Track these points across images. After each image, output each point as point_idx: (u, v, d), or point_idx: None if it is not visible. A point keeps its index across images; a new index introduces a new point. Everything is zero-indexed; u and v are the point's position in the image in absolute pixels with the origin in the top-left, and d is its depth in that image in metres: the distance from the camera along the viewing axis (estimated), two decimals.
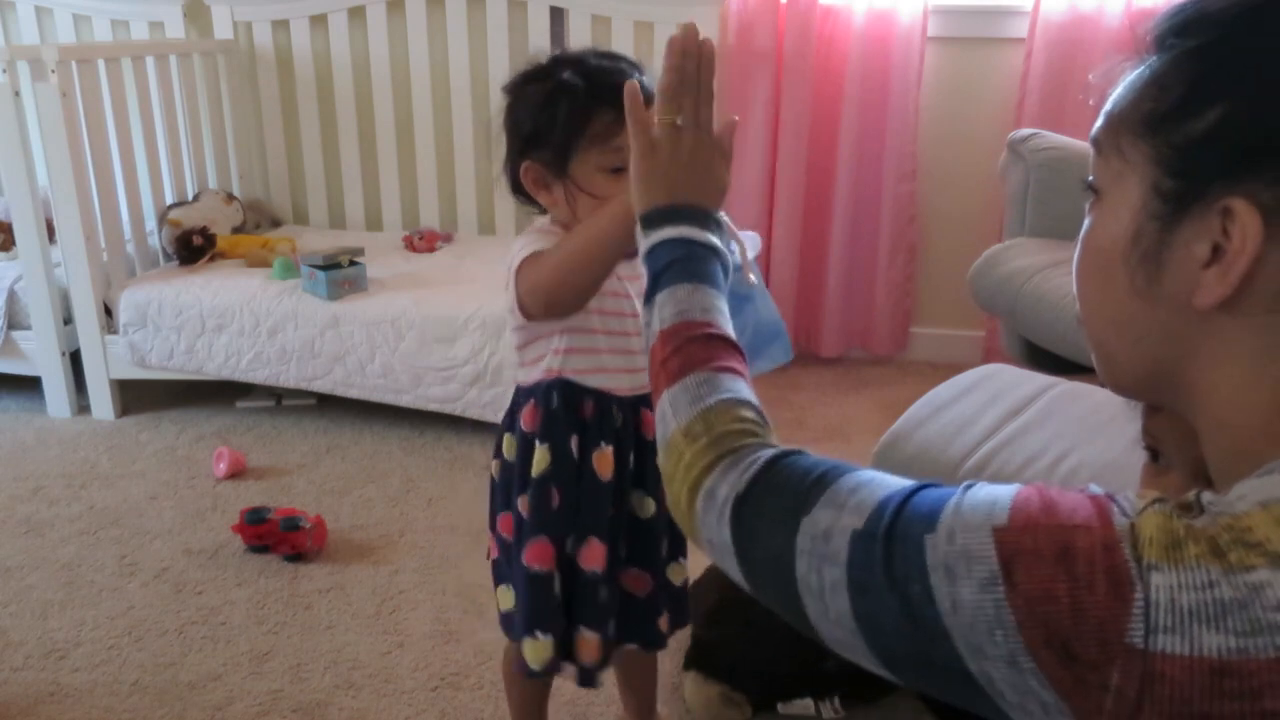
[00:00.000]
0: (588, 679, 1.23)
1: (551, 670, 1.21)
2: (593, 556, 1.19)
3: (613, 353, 1.20)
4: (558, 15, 3.00)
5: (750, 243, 1.30)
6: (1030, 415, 1.63)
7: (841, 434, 2.63)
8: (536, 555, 1.19)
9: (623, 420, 1.21)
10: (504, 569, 1.27)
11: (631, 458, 1.23)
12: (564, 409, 1.18)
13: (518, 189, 1.18)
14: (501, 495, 1.27)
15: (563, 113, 1.10)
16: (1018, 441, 1.56)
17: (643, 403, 1.22)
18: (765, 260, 3.02)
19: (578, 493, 1.19)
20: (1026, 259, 2.25)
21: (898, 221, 2.96)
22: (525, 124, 1.14)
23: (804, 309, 3.10)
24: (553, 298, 1.12)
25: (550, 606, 1.19)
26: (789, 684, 1.56)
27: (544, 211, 1.20)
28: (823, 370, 3.09)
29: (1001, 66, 2.90)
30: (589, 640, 1.21)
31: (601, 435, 1.19)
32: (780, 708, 1.57)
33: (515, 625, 1.22)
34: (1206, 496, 0.55)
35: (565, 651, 1.22)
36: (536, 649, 1.19)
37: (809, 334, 3.14)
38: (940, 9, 2.86)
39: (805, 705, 1.56)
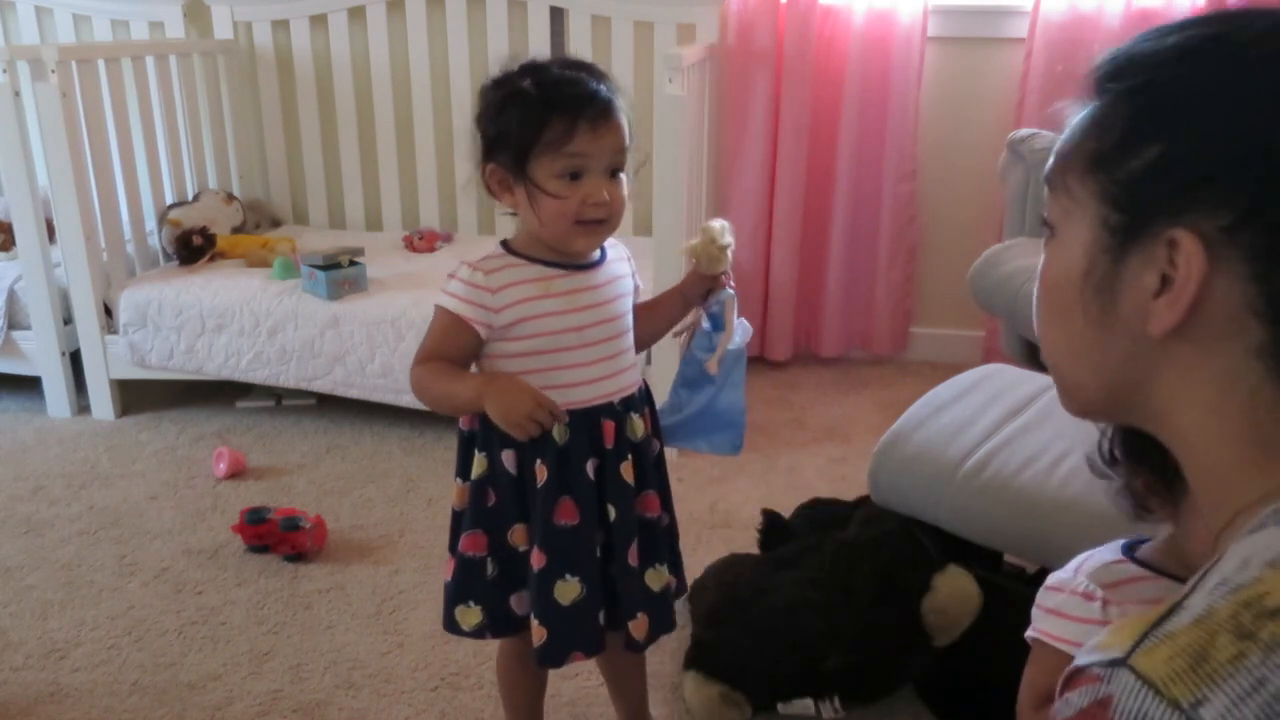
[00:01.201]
0: (543, 660, 1.28)
1: (480, 635, 1.30)
2: (536, 559, 1.24)
3: (554, 370, 1.22)
4: (558, 15, 3.00)
5: (741, 332, 1.36)
6: (1030, 415, 1.64)
7: (841, 434, 2.63)
8: (471, 544, 1.27)
9: (571, 436, 1.22)
10: (467, 586, 1.28)
11: (590, 466, 1.23)
12: (490, 426, 1.22)
13: (490, 191, 1.22)
14: (471, 515, 1.27)
15: (517, 119, 1.15)
16: (1018, 441, 1.56)
17: (602, 413, 1.23)
18: (765, 261, 3.02)
19: (520, 497, 1.24)
20: (1026, 259, 2.25)
21: (898, 221, 2.96)
22: (489, 128, 1.19)
23: (804, 309, 3.10)
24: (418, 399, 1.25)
25: (481, 584, 1.27)
26: (789, 684, 1.56)
27: (513, 213, 1.23)
28: (823, 370, 3.09)
29: (1001, 66, 2.89)
30: (539, 630, 1.26)
31: (537, 453, 1.22)
32: (780, 708, 1.57)
33: (449, 595, 1.30)
34: (1211, 579, 0.52)
35: (504, 628, 1.30)
36: (466, 615, 1.29)
37: (809, 334, 3.14)
38: (940, 9, 2.86)
39: (805, 705, 1.56)
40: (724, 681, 1.53)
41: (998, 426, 1.61)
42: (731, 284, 1.34)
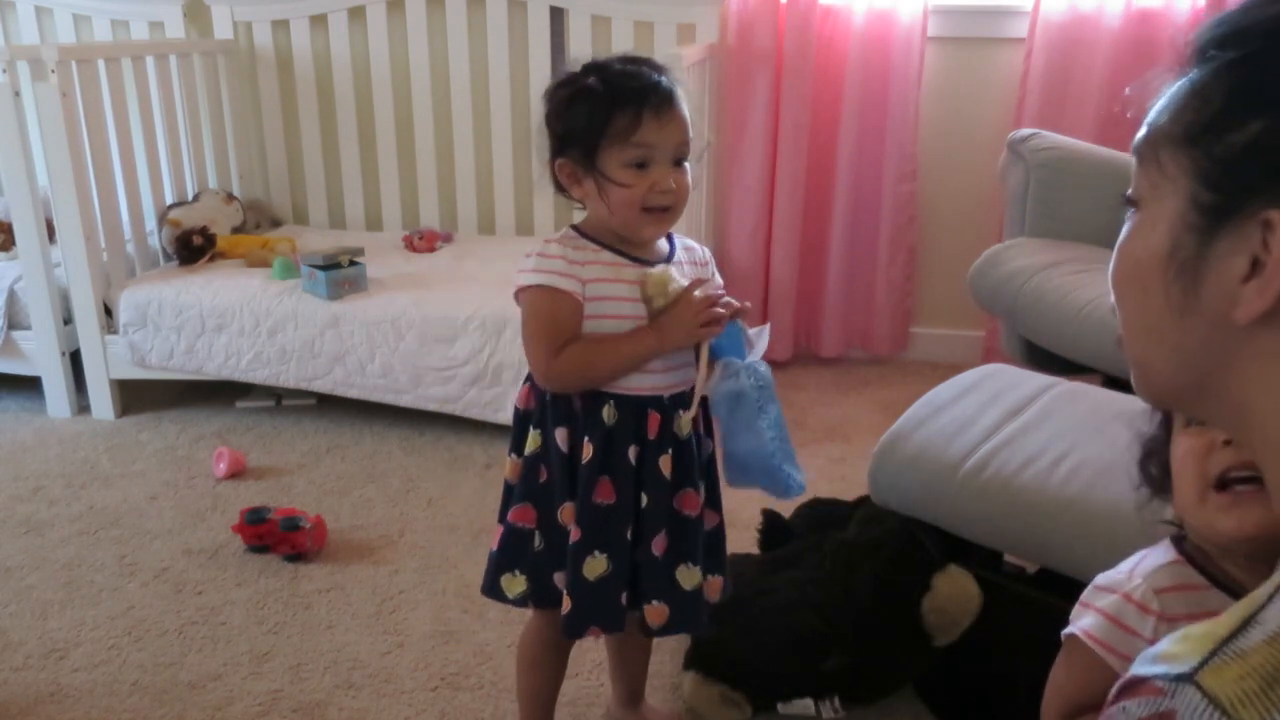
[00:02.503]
0: (566, 629, 1.30)
1: (523, 603, 1.33)
2: (574, 534, 1.27)
3: None
4: (558, 15, 3.00)
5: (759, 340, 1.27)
6: (1030, 415, 1.63)
7: (841, 434, 2.63)
8: (520, 515, 1.31)
9: (618, 419, 1.25)
10: (514, 555, 1.31)
11: (632, 452, 1.25)
12: (553, 403, 1.28)
13: (559, 185, 1.27)
14: (522, 489, 1.31)
15: (585, 114, 1.20)
16: (1018, 441, 1.56)
17: (649, 404, 1.26)
18: (765, 261, 3.02)
19: (570, 475, 1.27)
20: (1026, 259, 2.25)
21: (898, 221, 2.96)
22: (557, 125, 1.23)
23: (804, 309, 3.10)
24: (570, 389, 1.25)
25: (527, 555, 1.31)
26: (789, 684, 1.56)
27: (582, 206, 1.28)
28: (823, 370, 3.09)
29: (1001, 66, 2.90)
30: (566, 600, 1.28)
31: (586, 431, 1.26)
32: (780, 708, 1.57)
33: (494, 563, 1.32)
34: None
35: (545, 600, 1.32)
36: (512, 583, 1.32)
37: (809, 334, 3.14)
38: (940, 9, 2.86)
39: (805, 705, 1.56)
40: (724, 681, 1.53)
41: (998, 426, 1.61)
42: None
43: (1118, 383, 1.95)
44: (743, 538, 1.97)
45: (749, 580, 1.66)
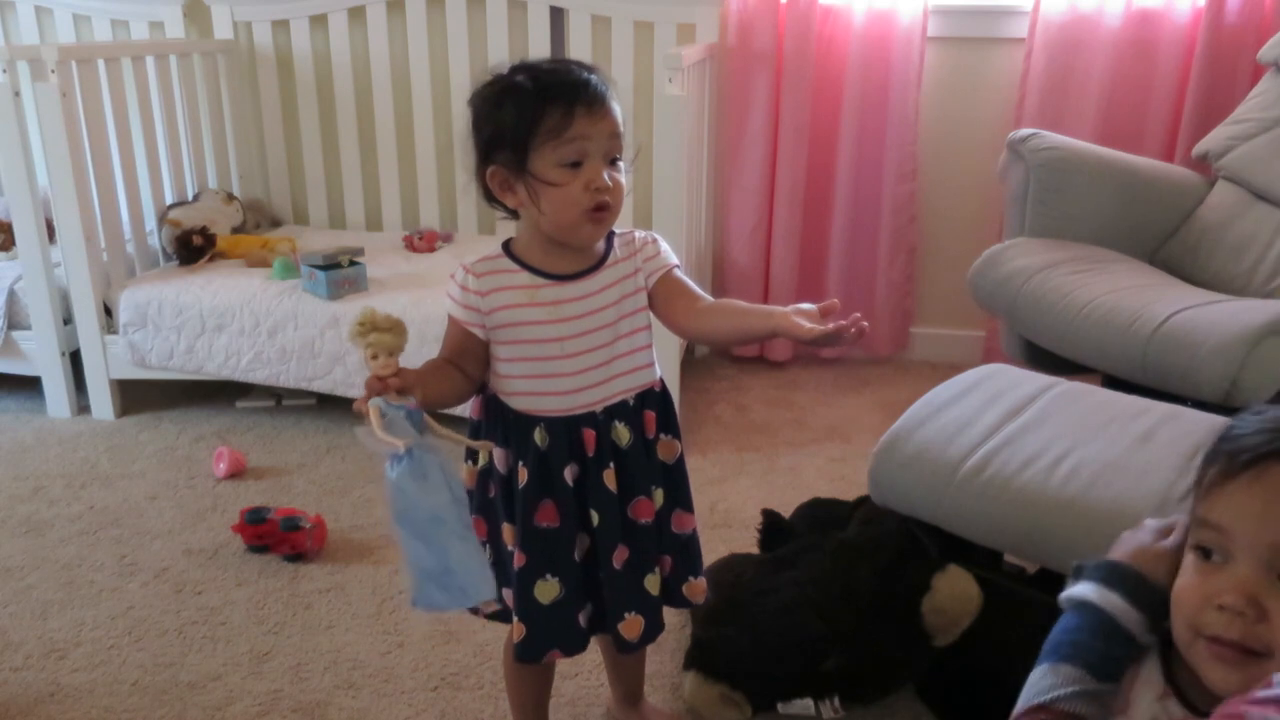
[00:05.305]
0: (521, 655, 1.28)
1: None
2: (517, 559, 1.25)
3: (537, 377, 1.23)
4: (558, 15, 3.00)
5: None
6: (1030, 415, 1.63)
7: (841, 434, 2.63)
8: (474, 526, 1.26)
9: (550, 441, 1.23)
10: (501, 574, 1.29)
11: (569, 473, 1.23)
12: (487, 421, 1.27)
13: (489, 197, 1.22)
14: (477, 501, 1.29)
15: (513, 112, 1.15)
16: (1018, 441, 1.56)
17: (582, 422, 1.23)
18: (765, 261, 3.02)
19: (509, 497, 1.26)
20: (1026, 259, 2.25)
21: (898, 221, 2.96)
22: (484, 129, 1.18)
23: None
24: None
25: None
26: (789, 684, 1.56)
27: (515, 216, 1.23)
28: (823, 370, 3.09)
29: (1001, 66, 2.90)
30: (518, 626, 1.27)
31: (519, 455, 1.24)
32: (780, 708, 1.57)
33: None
34: None
35: (496, 614, 1.33)
36: None
37: None
38: (940, 9, 2.86)
39: (805, 705, 1.56)
40: (724, 681, 1.53)
41: (998, 426, 1.61)
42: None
43: (1118, 383, 1.95)
44: (743, 538, 1.97)
45: (749, 580, 1.66)
